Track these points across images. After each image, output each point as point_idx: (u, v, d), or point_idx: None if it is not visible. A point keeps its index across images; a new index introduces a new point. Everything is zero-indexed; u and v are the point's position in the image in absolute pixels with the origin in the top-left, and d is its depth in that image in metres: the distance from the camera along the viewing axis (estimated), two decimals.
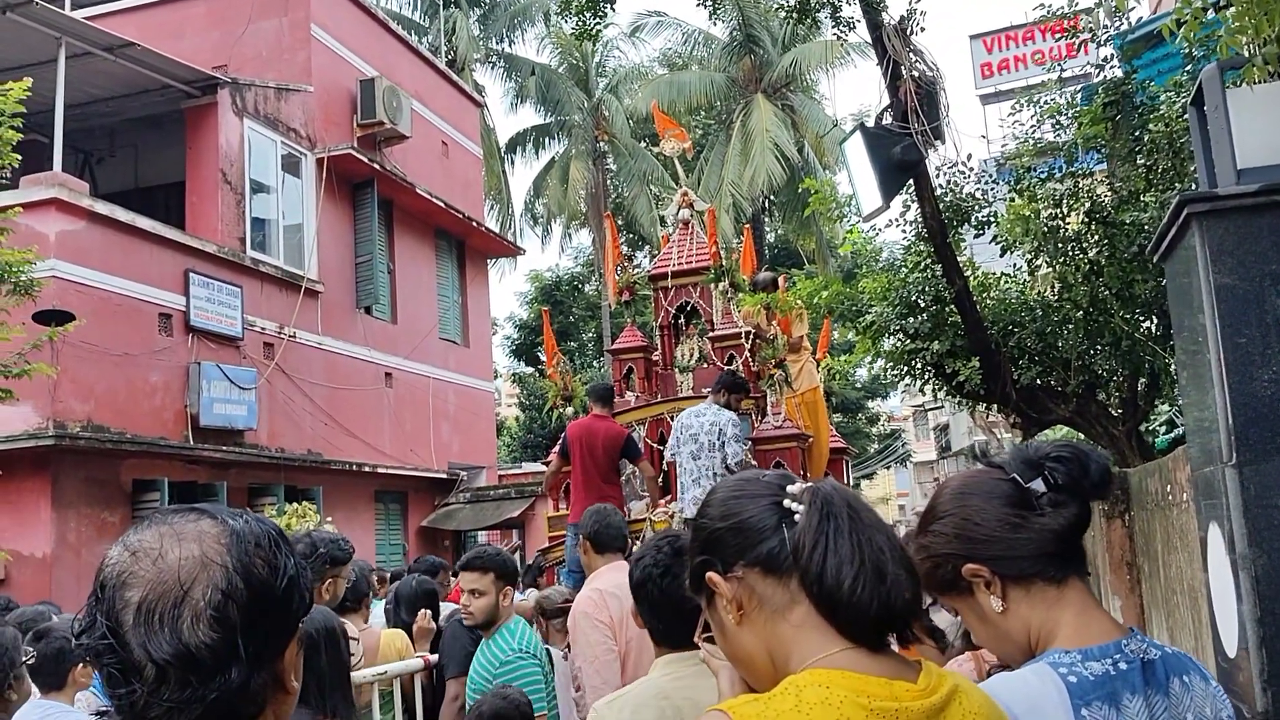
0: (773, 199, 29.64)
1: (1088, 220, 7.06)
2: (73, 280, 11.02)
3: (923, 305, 7.57)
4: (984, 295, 7.76)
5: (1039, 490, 1.63)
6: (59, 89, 11.66)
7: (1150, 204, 6.56)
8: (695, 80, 28.65)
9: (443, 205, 17.83)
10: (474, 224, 19.29)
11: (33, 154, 11.08)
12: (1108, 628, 1.63)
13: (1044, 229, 7.17)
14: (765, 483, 1.44)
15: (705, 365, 9.95)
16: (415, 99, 17.51)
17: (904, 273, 7.84)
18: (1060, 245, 7.18)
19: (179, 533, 1.15)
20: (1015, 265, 8.00)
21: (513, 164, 31.53)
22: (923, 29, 6.92)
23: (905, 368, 7.99)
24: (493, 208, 29.37)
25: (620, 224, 27.56)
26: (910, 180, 7.07)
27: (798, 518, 1.36)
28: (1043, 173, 7.46)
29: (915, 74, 6.74)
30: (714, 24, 29.55)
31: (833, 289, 8.40)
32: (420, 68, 18.89)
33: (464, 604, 4.35)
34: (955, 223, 7.61)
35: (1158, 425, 10.14)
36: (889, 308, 7.68)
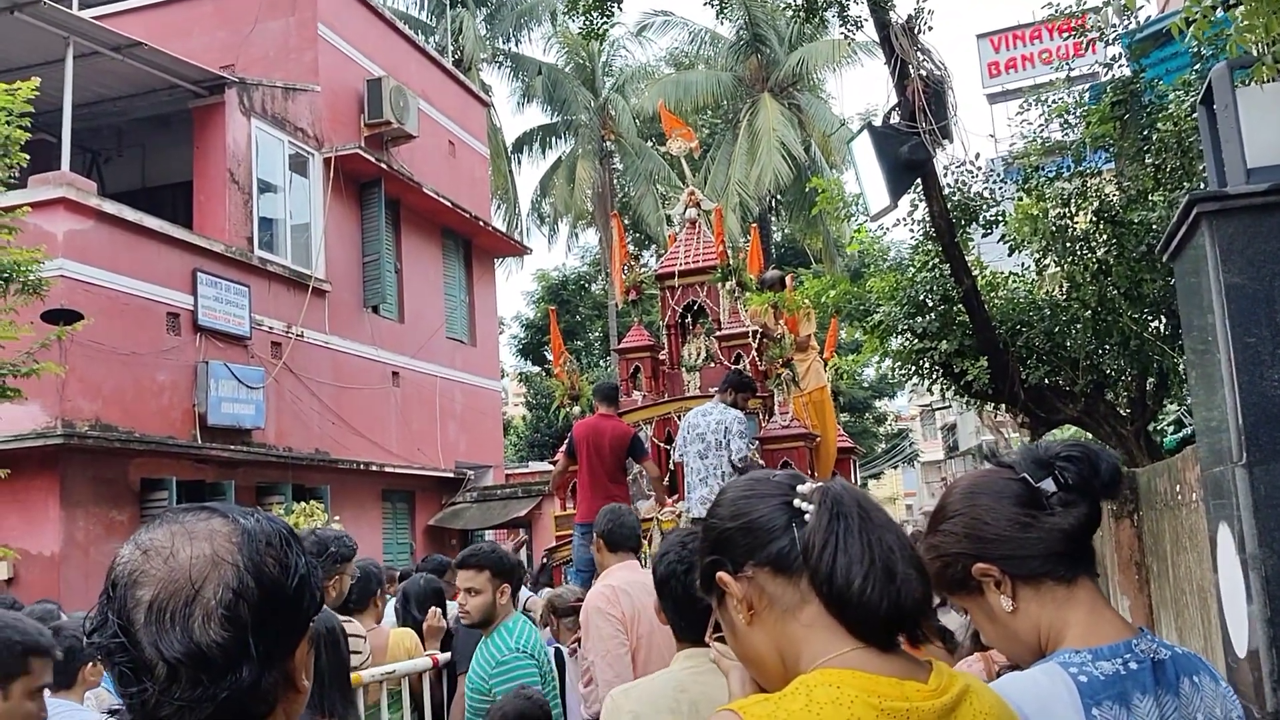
0: (779, 198, 29.63)
1: (1096, 219, 7.04)
2: (81, 279, 11.04)
3: (930, 304, 7.56)
4: (992, 294, 7.74)
5: (1049, 490, 1.62)
6: (67, 88, 11.69)
7: (1158, 203, 6.54)
8: (702, 79, 28.64)
9: (450, 205, 17.84)
10: (481, 223, 19.30)
11: (41, 153, 11.10)
12: (1118, 627, 1.62)
13: (1052, 228, 7.16)
14: (775, 482, 1.43)
15: (712, 364, 9.95)
16: (422, 98, 17.53)
17: (912, 272, 7.83)
18: (1068, 244, 7.17)
19: (190, 531, 1.15)
20: (1023, 264, 7.98)
21: (519, 163, 31.57)
22: (930, 28, 6.91)
23: (913, 367, 7.97)
24: (499, 207, 29.39)
25: (627, 223, 27.59)
26: (918, 179, 7.06)
27: (808, 517, 1.35)
28: (1051, 172, 7.44)
29: (923, 73, 6.74)
30: (721, 23, 29.66)
31: (840, 288, 8.39)
32: (427, 67, 18.91)
33: (460, 603, 4.30)
34: (963, 222, 7.59)
35: (1166, 425, 10.11)
36: (896, 307, 7.67)
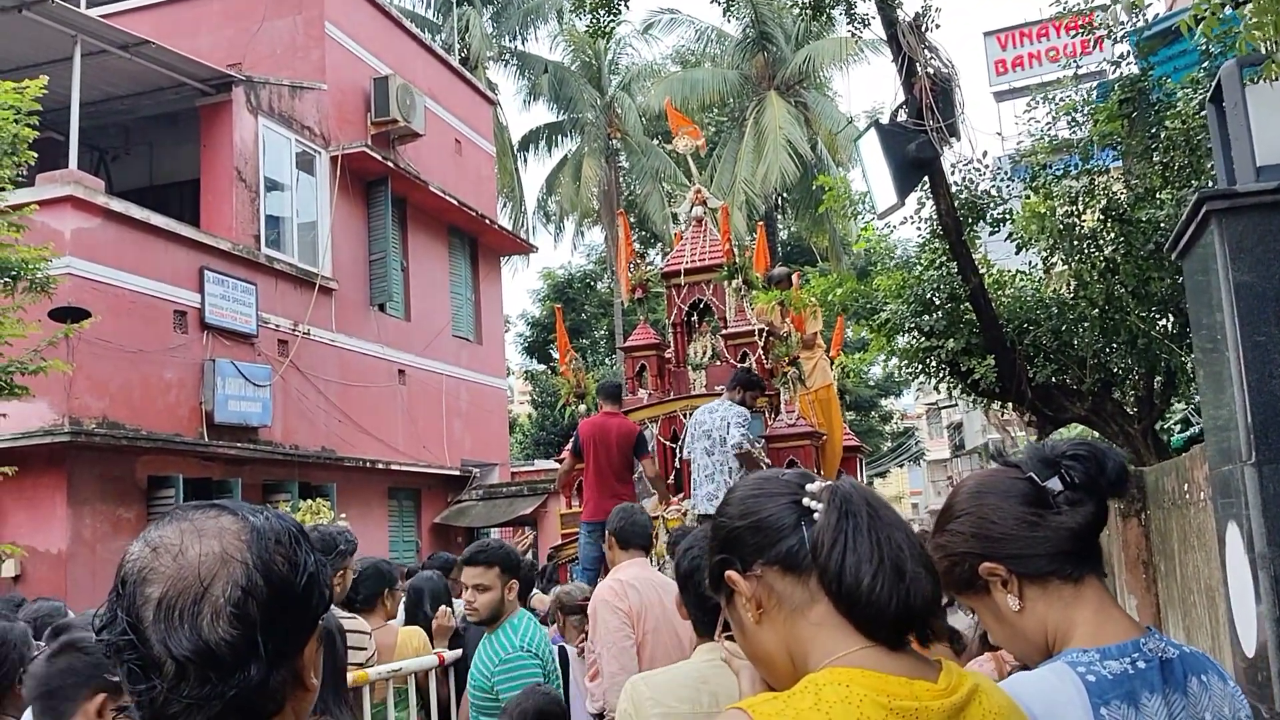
0: (786, 196, 29.60)
1: (1104, 218, 7.03)
2: (88, 277, 11.07)
3: (937, 303, 7.55)
4: (999, 293, 7.73)
5: (1056, 489, 1.62)
6: (74, 87, 11.71)
7: (1167, 201, 6.52)
8: (708, 77, 28.62)
9: (456, 203, 17.85)
10: (487, 221, 19.31)
11: (48, 151, 11.13)
12: (1125, 626, 1.62)
13: (1059, 226, 7.15)
14: (784, 481, 1.43)
15: (718, 363, 9.93)
16: (429, 97, 17.54)
17: (919, 270, 7.82)
18: (1076, 243, 7.15)
19: (199, 529, 1.15)
20: (1030, 263, 7.97)
21: (525, 161, 31.58)
22: (937, 25, 6.90)
23: (919, 365, 7.96)
24: (505, 205, 29.40)
25: (633, 221, 27.56)
26: (925, 177, 7.06)
27: (816, 516, 1.35)
28: (1058, 170, 7.42)
29: (930, 71, 6.72)
30: (727, 21, 29.59)
31: (846, 286, 8.38)
32: (433, 65, 18.91)
33: (468, 599, 4.26)
34: (970, 220, 7.58)
35: (1174, 423, 10.10)
36: (903, 305, 7.66)
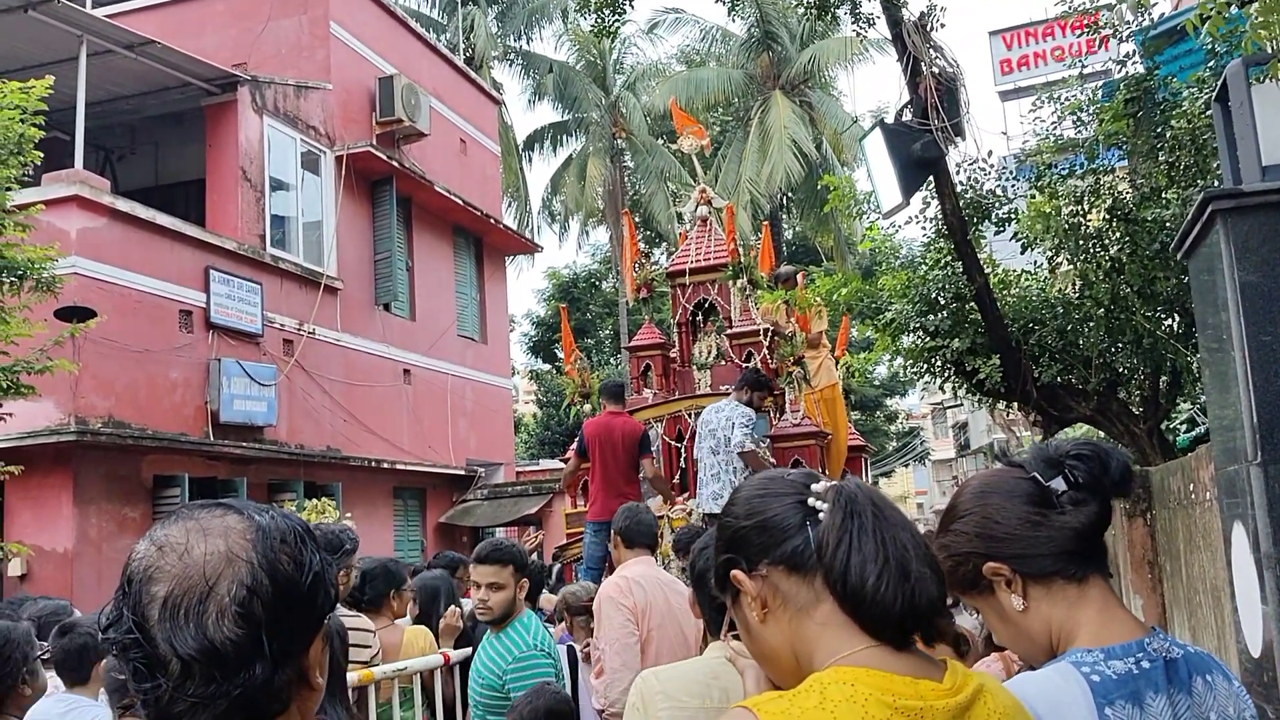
0: (791, 196, 29.58)
1: (1109, 217, 7.02)
2: (94, 277, 11.09)
3: (943, 302, 7.54)
4: (1004, 292, 7.72)
5: (1059, 488, 1.62)
6: (80, 87, 11.74)
7: (1172, 201, 6.51)
8: (713, 77, 28.60)
9: (461, 203, 17.86)
10: (492, 221, 19.32)
11: (54, 151, 11.16)
12: (1130, 626, 1.62)
13: (1065, 226, 7.14)
14: (790, 481, 1.43)
15: (723, 362, 9.93)
16: (434, 96, 17.55)
17: (924, 270, 7.81)
18: (1081, 242, 7.14)
19: (205, 528, 1.15)
20: (1036, 262, 7.96)
21: (530, 161, 31.57)
22: (942, 25, 6.90)
23: (925, 365, 7.95)
24: (510, 205, 29.41)
25: (638, 221, 27.55)
26: (930, 177, 7.05)
27: (822, 516, 1.35)
28: (1064, 169, 7.41)
29: (935, 70, 6.72)
30: (732, 21, 29.59)
31: (852, 286, 8.37)
32: (439, 65, 18.93)
33: (482, 598, 4.18)
34: (975, 220, 7.57)
35: (1179, 423, 10.08)
36: (908, 305, 7.66)
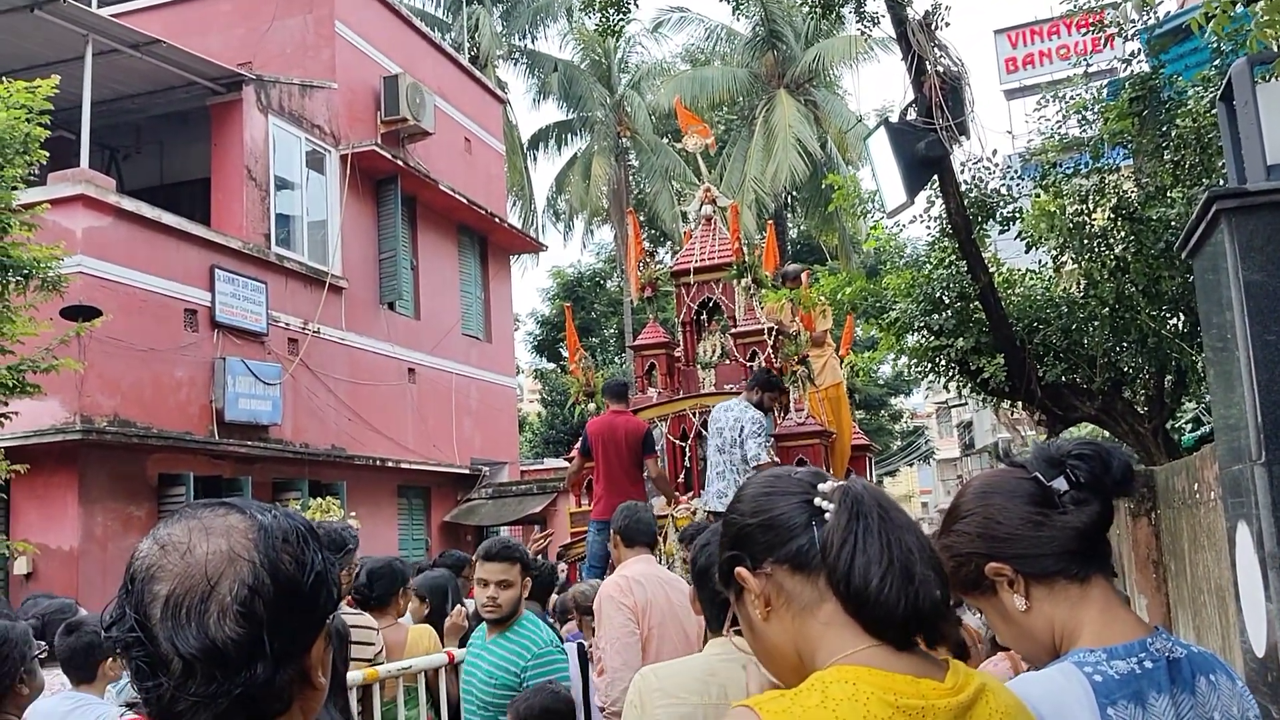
0: (795, 195, 29.57)
1: (1114, 216, 7.01)
2: (99, 276, 11.11)
3: (947, 301, 7.54)
4: (1009, 292, 7.71)
5: (1061, 488, 1.62)
6: (86, 86, 11.76)
7: (1177, 200, 6.50)
8: (718, 76, 28.59)
9: (465, 201, 17.87)
10: (496, 220, 19.32)
11: (60, 150, 11.18)
12: (1132, 626, 1.62)
13: (1069, 225, 7.13)
14: (796, 480, 1.43)
15: (727, 361, 9.93)
16: (438, 95, 17.56)
17: (928, 269, 7.80)
18: (1086, 241, 7.13)
19: (208, 527, 1.16)
20: (1040, 261, 7.95)
21: (535, 160, 31.60)
22: (947, 24, 6.89)
23: (929, 364, 7.95)
24: (515, 204, 29.42)
25: (642, 220, 27.58)
26: (935, 176, 7.05)
27: (827, 516, 1.35)
28: (1068, 168, 7.41)
29: (940, 69, 6.72)
30: (737, 19, 29.60)
31: (856, 285, 8.36)
32: (443, 64, 18.94)
33: (491, 596, 4.12)
34: (980, 219, 7.56)
35: (1184, 423, 10.06)
36: (913, 304, 7.65)
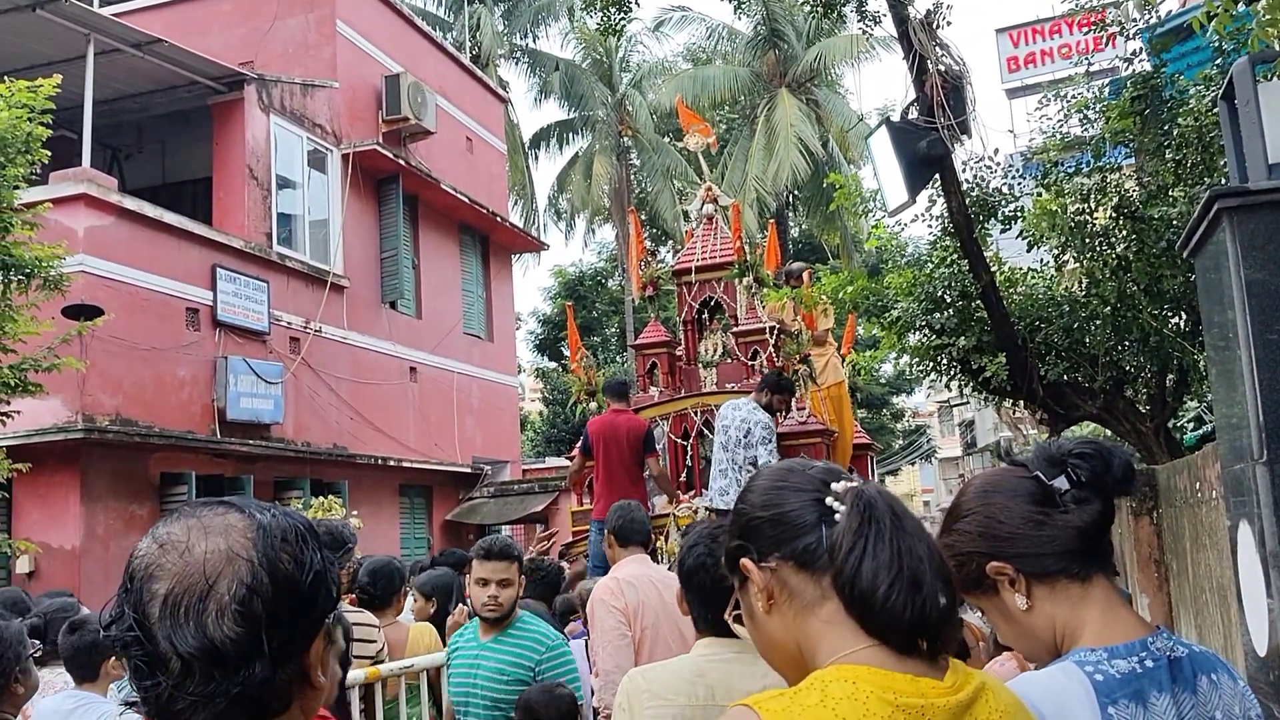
0: (797, 194, 29.55)
1: (1116, 215, 7.00)
2: (101, 275, 11.12)
3: (949, 300, 7.53)
4: (1011, 290, 7.71)
5: (1062, 487, 1.62)
6: (88, 85, 11.76)
7: (1179, 199, 6.49)
8: (719, 75, 28.58)
9: (467, 200, 17.87)
10: (498, 219, 19.33)
11: (62, 150, 11.20)
12: (1134, 625, 1.62)
13: (1071, 224, 7.12)
14: (810, 476, 1.41)
15: (729, 360, 9.92)
16: (440, 95, 17.56)
17: (930, 268, 7.80)
18: (1088, 240, 7.13)
19: (206, 526, 1.16)
20: (1042, 260, 7.95)
21: (536, 159, 31.61)
22: (949, 23, 6.89)
23: (931, 363, 7.94)
24: (517, 203, 29.42)
25: (643, 219, 27.57)
26: (936, 175, 7.04)
27: (838, 517, 1.34)
28: (1070, 167, 7.40)
29: (941, 68, 6.71)
30: (738, 18, 29.53)
31: (858, 284, 8.36)
32: (445, 63, 18.94)
33: (492, 594, 4.07)
34: (981, 217, 7.56)
35: (1186, 422, 10.05)
36: (914, 303, 7.64)
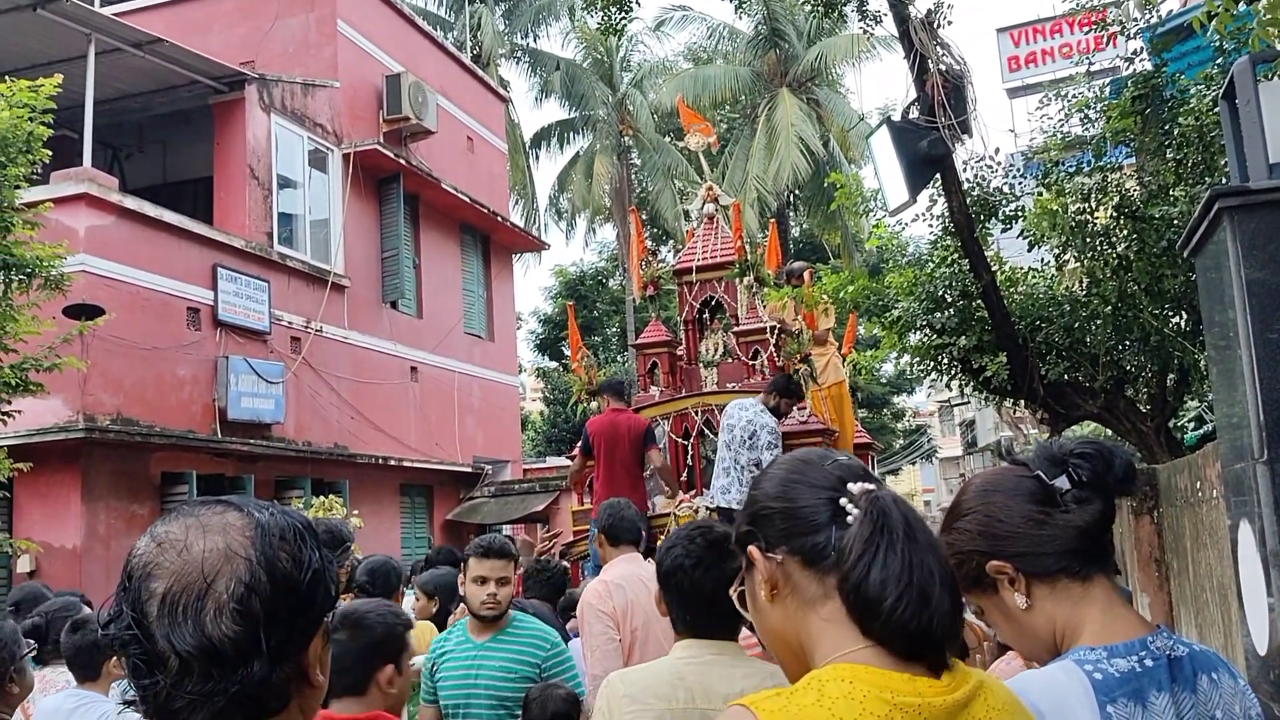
0: (798, 193, 29.55)
1: (1116, 215, 7.00)
2: (102, 275, 11.12)
3: (949, 300, 7.53)
4: (1011, 290, 7.71)
5: (1063, 487, 1.62)
6: (89, 85, 11.76)
7: (1180, 198, 6.50)
8: (720, 74, 28.57)
9: (468, 200, 17.87)
10: (499, 219, 19.33)
11: (63, 150, 11.19)
12: (1133, 625, 1.61)
13: (1072, 223, 7.12)
14: (827, 472, 1.39)
15: (730, 360, 9.92)
16: (441, 94, 17.56)
17: (930, 267, 7.80)
18: (1088, 240, 7.13)
19: (205, 525, 1.15)
20: (1043, 260, 7.95)
21: (537, 159, 31.60)
22: (950, 22, 6.89)
23: (931, 363, 7.95)
24: (517, 202, 29.42)
25: (644, 219, 27.55)
26: (937, 174, 7.04)
27: (850, 520, 1.32)
28: (1071, 167, 7.40)
29: (942, 67, 6.71)
30: (739, 18, 29.51)
31: (859, 284, 8.36)
32: (445, 63, 18.94)
33: (491, 593, 4.04)
34: (982, 217, 7.56)
35: (1187, 421, 10.05)
36: (915, 302, 7.64)
